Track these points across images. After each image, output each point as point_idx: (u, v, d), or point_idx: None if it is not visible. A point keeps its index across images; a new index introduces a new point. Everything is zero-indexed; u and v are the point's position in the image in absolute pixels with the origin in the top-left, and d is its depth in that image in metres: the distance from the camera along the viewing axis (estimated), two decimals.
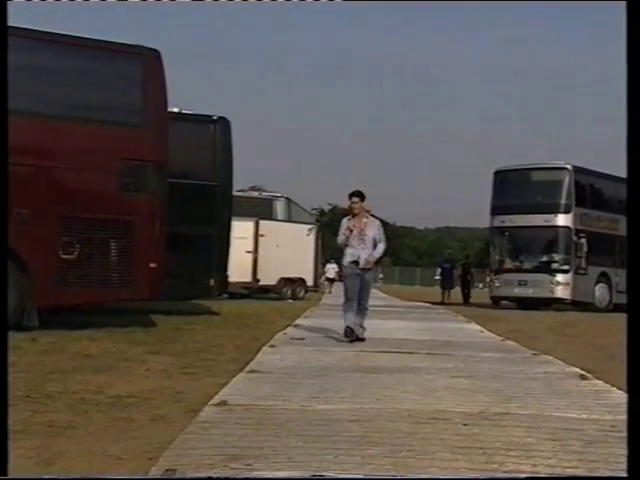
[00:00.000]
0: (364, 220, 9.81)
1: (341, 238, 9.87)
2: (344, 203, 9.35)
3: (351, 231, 9.72)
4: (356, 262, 9.74)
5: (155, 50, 10.49)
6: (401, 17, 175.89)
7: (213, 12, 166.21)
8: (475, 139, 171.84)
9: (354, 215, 9.82)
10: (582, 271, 23.72)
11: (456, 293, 30.27)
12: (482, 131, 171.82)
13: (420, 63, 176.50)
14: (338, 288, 31.90)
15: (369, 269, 9.91)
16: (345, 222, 9.91)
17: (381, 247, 9.89)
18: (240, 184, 26.21)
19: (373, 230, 9.84)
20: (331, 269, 35.88)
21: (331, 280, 35.81)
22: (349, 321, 9.73)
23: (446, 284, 30.50)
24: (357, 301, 9.77)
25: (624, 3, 3.84)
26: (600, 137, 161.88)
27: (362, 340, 9.70)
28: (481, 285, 45.31)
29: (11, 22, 4.66)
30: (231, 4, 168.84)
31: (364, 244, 9.73)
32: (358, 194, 9.85)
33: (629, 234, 3.83)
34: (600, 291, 24.51)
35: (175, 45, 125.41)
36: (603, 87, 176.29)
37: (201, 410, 4.86)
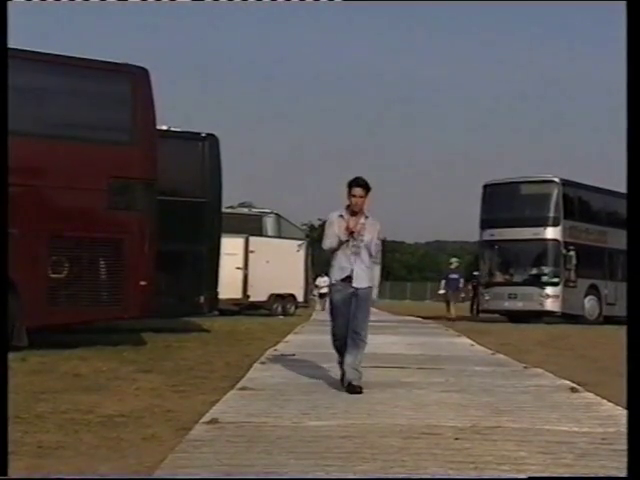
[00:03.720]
0: (362, 221, 6.83)
1: (331, 242, 6.86)
2: None
3: (351, 233, 6.77)
4: (348, 279, 6.82)
5: (143, 68, 10.53)
6: (389, 30, 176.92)
7: (200, 29, 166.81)
8: (464, 152, 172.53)
9: (353, 213, 6.83)
10: (571, 284, 23.79)
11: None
12: (471, 144, 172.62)
13: (409, 77, 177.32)
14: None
15: (366, 288, 6.87)
16: (336, 219, 6.88)
17: (377, 270, 7.08)
18: (229, 200, 26.26)
19: (371, 236, 6.88)
20: (322, 283, 31.56)
21: (324, 295, 31.69)
22: (345, 363, 6.88)
23: (452, 297, 25.52)
24: (350, 332, 6.83)
25: (624, 3, 3.89)
26: (589, 150, 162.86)
27: (358, 392, 6.58)
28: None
29: (11, 22, 4.66)
30: (218, 22, 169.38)
31: (359, 255, 6.82)
32: (363, 184, 6.83)
33: (629, 241, 3.85)
34: (590, 303, 24.58)
35: (163, 62, 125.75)
36: (591, 101, 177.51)
37: (192, 428, 4.85)
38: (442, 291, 26.22)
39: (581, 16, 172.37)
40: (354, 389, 6.60)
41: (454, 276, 25.31)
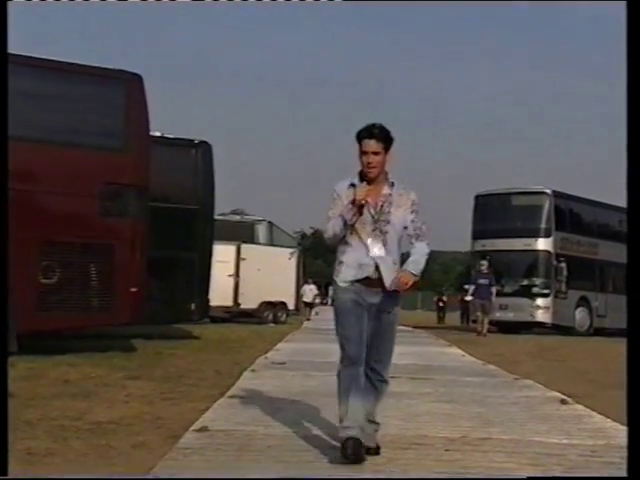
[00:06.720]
0: (385, 192, 4.51)
1: (334, 227, 4.48)
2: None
3: (360, 208, 4.40)
4: (366, 280, 4.44)
5: (137, 75, 10.53)
6: (388, 38, 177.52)
7: (194, 37, 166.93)
8: (457, 163, 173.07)
9: (368, 180, 4.48)
10: (562, 295, 23.86)
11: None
12: (463, 154, 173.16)
13: (402, 86, 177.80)
14: (322, 313, 31.78)
15: (395, 296, 4.53)
16: (344, 190, 4.53)
17: (423, 249, 4.54)
18: (221, 208, 26.23)
19: (403, 213, 4.52)
20: (308, 291, 30.77)
21: (309, 305, 30.95)
22: (353, 417, 4.33)
23: (484, 307, 21.18)
24: (366, 365, 4.51)
25: (624, 3, 3.90)
26: (580, 162, 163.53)
27: (375, 452, 4.49)
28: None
29: (11, 22, 4.64)
30: (211, 30, 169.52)
31: (383, 243, 4.46)
32: (378, 134, 4.44)
33: (629, 251, 3.86)
34: (580, 315, 24.65)
35: (157, 69, 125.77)
36: (583, 113, 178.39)
37: (182, 436, 4.84)
38: (469, 297, 22.91)
39: (579, 23, 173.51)
40: (370, 450, 4.43)
41: (484, 281, 21.24)
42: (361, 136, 4.45)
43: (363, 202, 4.37)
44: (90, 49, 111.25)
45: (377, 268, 4.42)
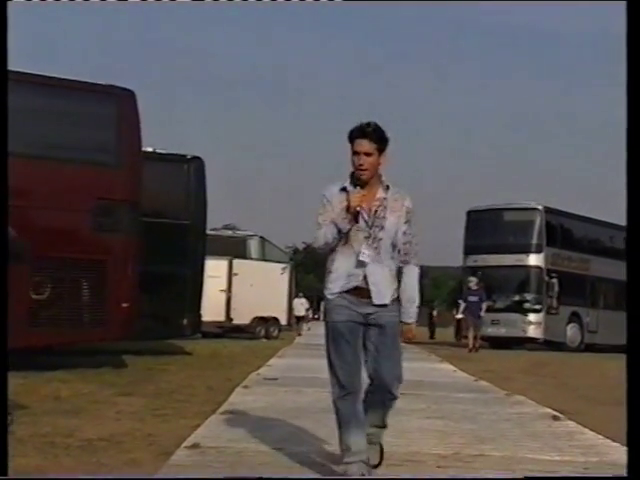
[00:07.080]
0: (380, 195, 4.17)
1: (326, 235, 4.12)
2: None
3: (355, 216, 4.08)
4: (360, 291, 4.11)
5: (129, 90, 10.55)
6: (379, 54, 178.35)
7: (186, 52, 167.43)
8: (448, 178, 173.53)
9: (362, 184, 4.14)
10: (554, 311, 23.93)
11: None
12: (454, 170, 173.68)
13: (396, 99, 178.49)
14: (314, 328, 31.73)
15: (388, 306, 4.14)
16: (336, 195, 4.19)
17: (414, 277, 4.26)
18: (214, 223, 26.24)
19: (397, 219, 4.17)
20: (299, 305, 30.96)
21: (301, 318, 31.45)
22: (357, 451, 4.12)
23: (475, 324, 21.15)
24: (373, 386, 4.23)
25: (624, 3, 3.92)
26: (573, 178, 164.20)
27: (374, 467, 4.36)
28: None
29: (11, 22, 4.63)
30: (203, 45, 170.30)
31: (378, 252, 4.11)
32: (371, 134, 4.11)
33: (629, 259, 3.88)
34: (572, 331, 24.71)
35: (149, 84, 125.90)
36: (570, 128, 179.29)
37: (173, 453, 4.81)
38: (460, 315, 22.90)
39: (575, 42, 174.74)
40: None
41: (474, 299, 21.20)
42: (353, 135, 4.11)
43: (358, 209, 4.06)
44: (85, 58, 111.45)
45: (366, 279, 4.07)
